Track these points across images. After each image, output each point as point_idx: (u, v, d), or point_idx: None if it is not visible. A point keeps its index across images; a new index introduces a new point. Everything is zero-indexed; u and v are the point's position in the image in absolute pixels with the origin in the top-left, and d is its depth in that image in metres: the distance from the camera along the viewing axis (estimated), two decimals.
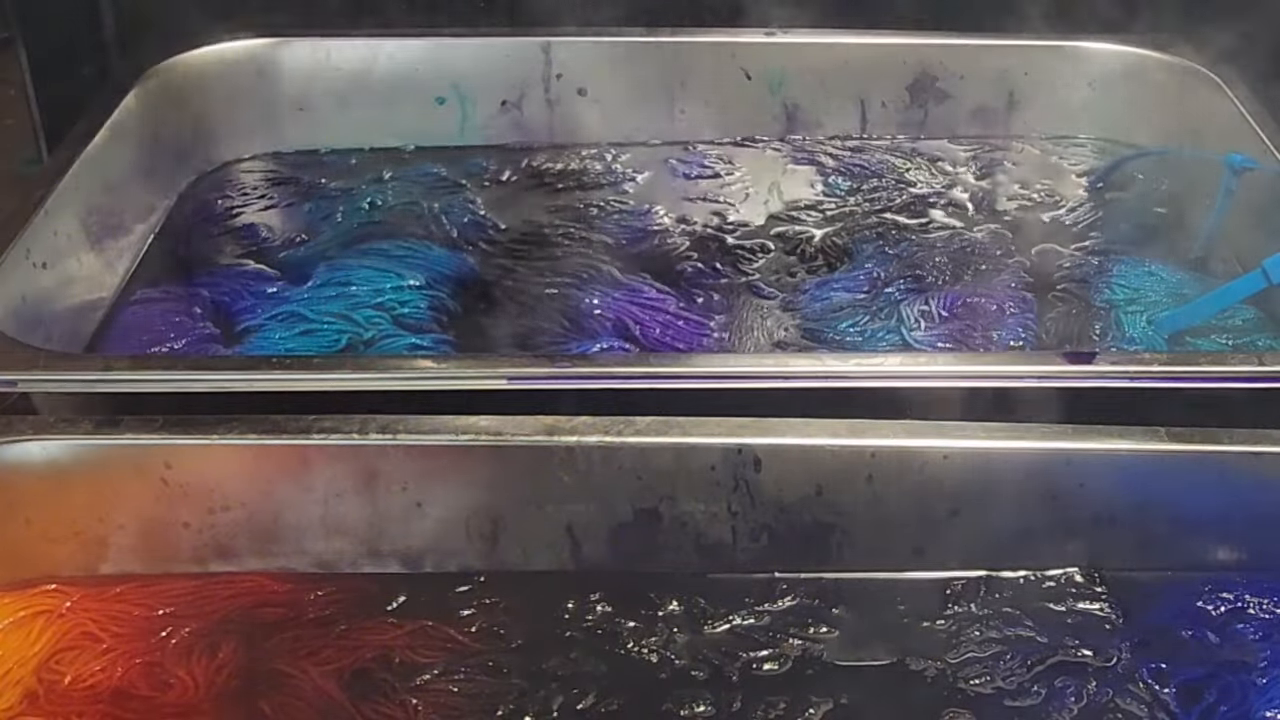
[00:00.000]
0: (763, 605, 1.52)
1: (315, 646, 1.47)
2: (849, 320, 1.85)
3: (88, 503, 1.52)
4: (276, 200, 2.16)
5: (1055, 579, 1.55)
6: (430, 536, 1.55)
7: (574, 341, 1.81)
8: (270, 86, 2.24)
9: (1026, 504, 1.53)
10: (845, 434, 1.52)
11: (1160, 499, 1.53)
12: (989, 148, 2.30)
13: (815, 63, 2.28)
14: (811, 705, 1.42)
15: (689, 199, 2.18)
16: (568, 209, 2.14)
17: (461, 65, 2.26)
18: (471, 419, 1.52)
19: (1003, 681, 1.44)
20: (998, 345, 1.79)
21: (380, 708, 1.41)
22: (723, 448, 1.51)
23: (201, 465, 1.51)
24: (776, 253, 2.04)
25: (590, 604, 1.52)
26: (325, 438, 1.50)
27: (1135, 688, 1.43)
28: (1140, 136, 2.27)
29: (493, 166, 2.25)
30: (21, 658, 1.46)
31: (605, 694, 1.43)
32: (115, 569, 1.54)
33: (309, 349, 1.77)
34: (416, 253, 1.97)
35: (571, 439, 1.51)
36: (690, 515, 1.54)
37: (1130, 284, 1.91)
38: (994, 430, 1.53)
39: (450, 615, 1.51)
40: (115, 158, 2.00)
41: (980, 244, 2.03)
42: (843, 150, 2.29)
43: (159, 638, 1.48)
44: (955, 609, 1.52)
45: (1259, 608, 1.52)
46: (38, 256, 1.76)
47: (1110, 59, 2.27)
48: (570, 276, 1.95)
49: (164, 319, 1.83)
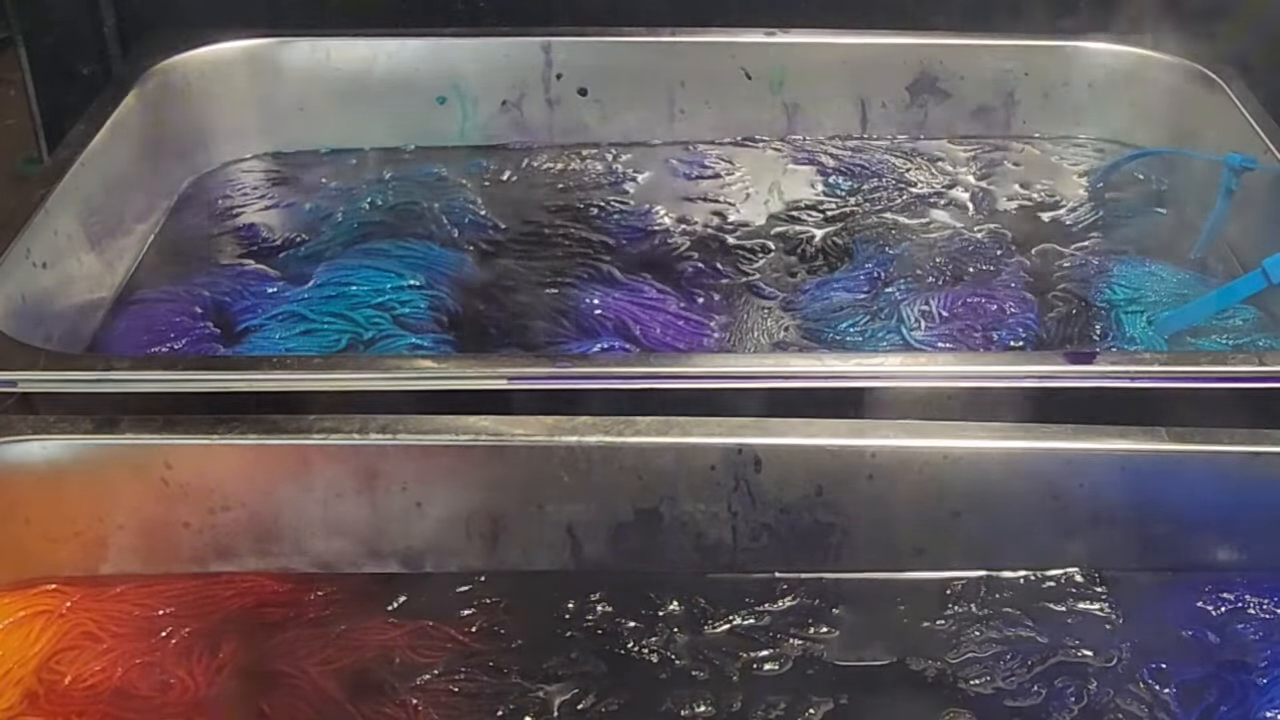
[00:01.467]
0: (763, 605, 1.52)
1: (315, 646, 1.47)
2: (849, 320, 1.85)
3: (88, 503, 1.52)
4: (276, 200, 2.16)
5: (1055, 579, 1.55)
6: (430, 536, 1.55)
7: (574, 341, 1.81)
8: (270, 86, 2.24)
9: (1026, 504, 1.53)
10: (845, 434, 1.52)
11: (1160, 499, 1.53)
12: (989, 148, 2.30)
13: (815, 63, 2.28)
14: (811, 705, 1.41)
15: (689, 199, 2.18)
16: (568, 209, 2.14)
17: (461, 65, 2.26)
18: (471, 419, 1.51)
19: (1003, 681, 1.44)
20: (998, 345, 1.79)
21: (380, 708, 1.41)
22: (723, 448, 1.51)
23: (201, 465, 1.51)
24: (777, 253, 2.04)
25: (590, 604, 1.52)
26: (325, 438, 1.50)
27: (1135, 688, 1.43)
28: (1140, 136, 2.27)
29: (493, 166, 2.25)
30: (21, 658, 1.46)
31: (605, 694, 1.43)
32: (115, 569, 1.54)
33: (309, 349, 1.77)
34: (416, 253, 1.97)
35: (571, 439, 1.51)
36: (690, 515, 1.54)
37: (1130, 284, 1.90)
38: (994, 430, 1.53)
39: (450, 615, 1.51)
40: (115, 158, 2.00)
41: (980, 244, 2.03)
42: (843, 150, 2.29)
43: (159, 638, 1.48)
44: (955, 609, 1.52)
45: (1259, 608, 1.52)
46: (38, 256, 1.76)
47: (1110, 59, 2.27)
48: (570, 276, 1.95)
49: (164, 319, 1.82)
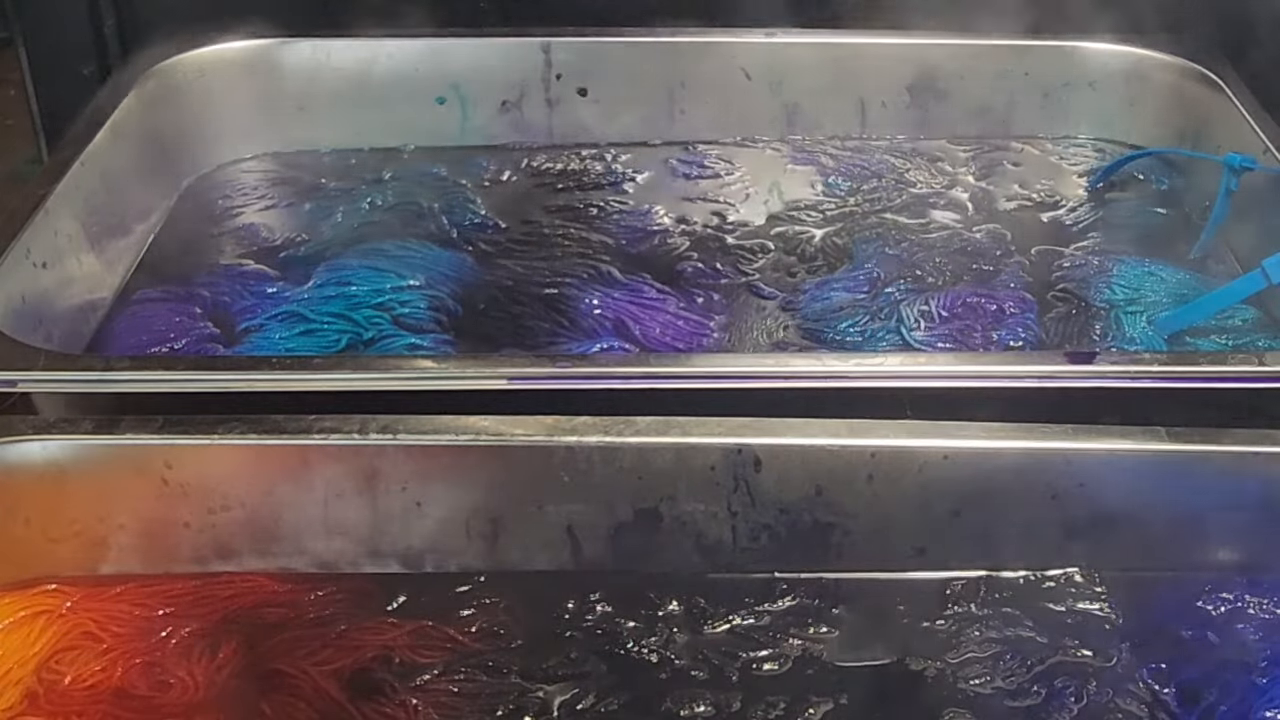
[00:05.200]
0: (763, 605, 1.52)
1: (315, 646, 1.47)
2: (849, 320, 1.85)
3: (88, 503, 1.52)
4: (276, 200, 2.16)
5: (1055, 579, 1.55)
6: (430, 536, 1.55)
7: (574, 341, 1.81)
8: (270, 86, 2.24)
9: (1026, 504, 1.53)
10: (845, 434, 1.52)
11: (1160, 499, 1.53)
12: (989, 148, 2.30)
13: (815, 63, 2.28)
14: (811, 705, 1.41)
15: (689, 199, 2.18)
16: (568, 209, 2.14)
17: (461, 65, 2.26)
18: (471, 419, 1.51)
19: (1003, 681, 1.44)
20: (998, 345, 1.79)
21: (380, 708, 1.41)
22: (723, 448, 1.51)
23: (201, 465, 1.51)
24: (776, 253, 2.04)
25: (590, 604, 1.52)
26: (325, 438, 1.50)
27: (1135, 688, 1.43)
28: (1140, 136, 2.27)
29: (493, 166, 2.25)
30: (21, 658, 1.46)
31: (605, 694, 1.43)
32: (115, 569, 1.54)
33: (309, 349, 1.77)
34: (416, 253, 1.97)
35: (571, 439, 1.51)
36: (690, 515, 1.54)
37: (1130, 284, 1.91)
38: (994, 430, 1.53)
39: (450, 615, 1.51)
40: (115, 158, 2.00)
41: (980, 244, 2.03)
42: (843, 150, 2.29)
43: (159, 638, 1.48)
44: (955, 609, 1.52)
45: (1259, 608, 1.52)
46: (38, 256, 1.76)
47: (1110, 59, 2.27)
48: (570, 276, 1.95)
49: (164, 319, 1.83)
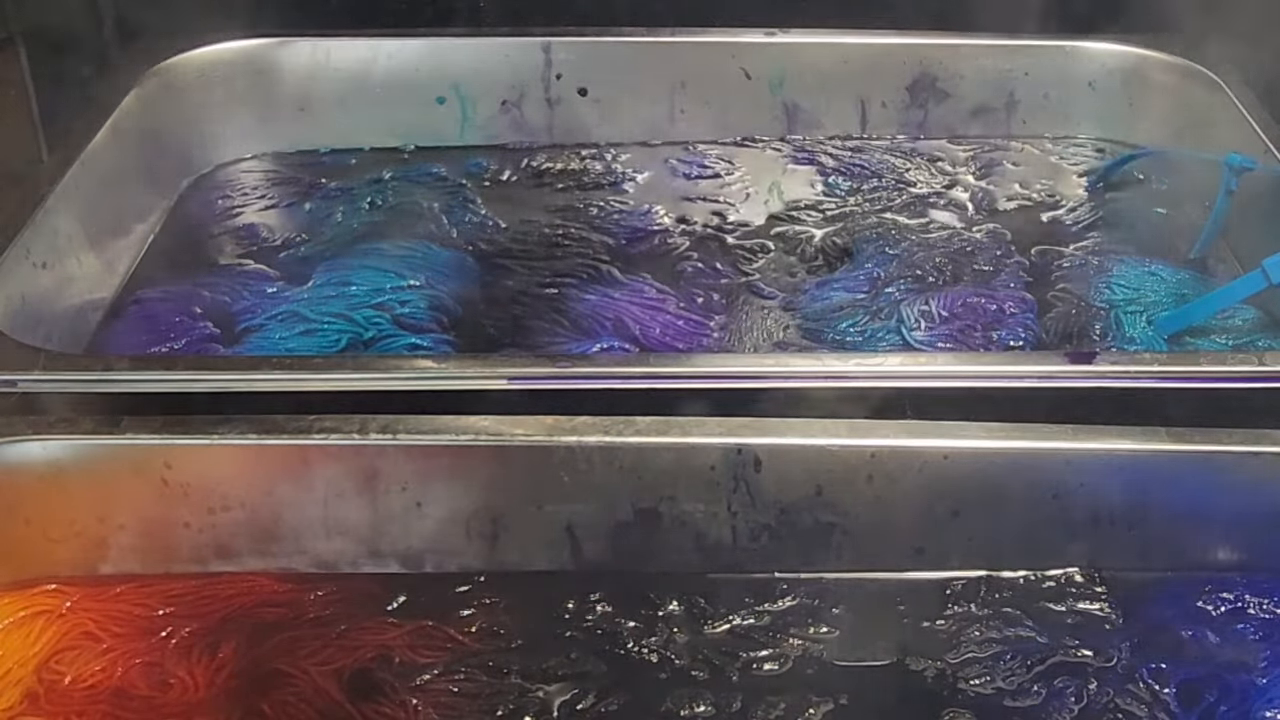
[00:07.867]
0: (763, 605, 1.52)
1: (315, 646, 1.47)
2: (849, 320, 1.85)
3: (88, 503, 1.52)
4: (276, 200, 2.16)
5: (1055, 579, 1.55)
6: (430, 536, 1.55)
7: (574, 341, 1.81)
8: (270, 86, 2.24)
9: (1026, 504, 1.53)
10: (845, 434, 1.52)
11: (1160, 499, 1.53)
12: (989, 148, 2.30)
13: (815, 63, 2.28)
14: (811, 705, 1.41)
15: (689, 199, 2.18)
16: (568, 209, 2.14)
17: (461, 65, 2.26)
18: (471, 419, 1.52)
19: (1003, 681, 1.44)
20: (998, 345, 1.79)
21: (380, 708, 1.41)
22: (723, 448, 1.51)
23: (201, 465, 1.51)
24: (776, 253, 2.04)
25: (590, 604, 1.52)
26: (325, 438, 1.50)
27: (1135, 688, 1.43)
28: (1140, 136, 2.27)
29: (493, 166, 2.25)
30: (21, 658, 1.46)
31: (605, 694, 1.43)
32: (115, 569, 1.54)
33: (309, 349, 1.77)
34: (416, 253, 1.97)
35: (571, 439, 1.51)
36: (690, 515, 1.54)
37: (1130, 284, 1.90)
38: (994, 430, 1.53)
39: (450, 615, 1.51)
40: (115, 158, 2.00)
41: (980, 244, 2.03)
42: (843, 150, 2.29)
43: (159, 638, 1.48)
44: (955, 609, 1.52)
45: (1259, 608, 1.52)
46: (38, 256, 1.76)
47: (1110, 59, 2.27)
48: (570, 276, 1.95)
49: (164, 319, 1.83)
